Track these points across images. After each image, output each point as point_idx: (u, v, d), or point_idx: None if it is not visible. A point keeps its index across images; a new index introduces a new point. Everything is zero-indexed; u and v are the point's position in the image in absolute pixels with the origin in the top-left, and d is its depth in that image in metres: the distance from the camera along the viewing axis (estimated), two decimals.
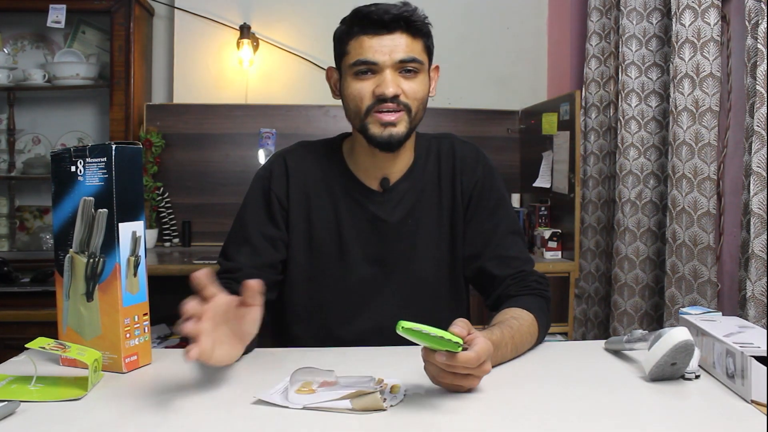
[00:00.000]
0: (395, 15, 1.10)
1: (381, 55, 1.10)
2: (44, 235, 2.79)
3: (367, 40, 1.11)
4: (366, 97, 1.12)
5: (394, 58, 1.10)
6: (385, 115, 1.12)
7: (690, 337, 0.88)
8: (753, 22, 1.71)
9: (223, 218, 2.73)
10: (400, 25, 1.11)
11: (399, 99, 1.12)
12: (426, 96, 1.17)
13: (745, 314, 1.67)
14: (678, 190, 2.01)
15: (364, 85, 1.12)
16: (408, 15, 1.11)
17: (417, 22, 1.12)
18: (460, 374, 0.84)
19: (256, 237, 1.20)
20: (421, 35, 1.14)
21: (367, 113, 1.13)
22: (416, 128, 1.19)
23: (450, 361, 0.81)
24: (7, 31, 2.85)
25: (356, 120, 1.16)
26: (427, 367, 0.86)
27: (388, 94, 1.10)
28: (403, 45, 1.11)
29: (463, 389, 0.87)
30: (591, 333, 2.57)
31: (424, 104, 1.17)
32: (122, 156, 0.96)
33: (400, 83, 1.12)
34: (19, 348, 1.00)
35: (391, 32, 1.11)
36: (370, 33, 1.11)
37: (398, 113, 1.12)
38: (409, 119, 1.14)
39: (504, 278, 1.19)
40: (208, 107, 2.87)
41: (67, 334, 1.00)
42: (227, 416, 0.80)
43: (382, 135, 1.13)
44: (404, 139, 1.15)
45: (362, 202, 1.22)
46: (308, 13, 2.92)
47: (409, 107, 1.13)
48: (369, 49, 1.11)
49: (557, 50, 3.04)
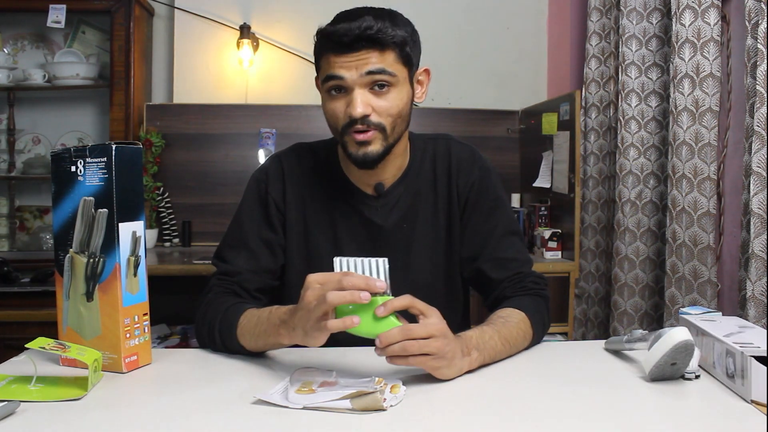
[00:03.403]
0: (357, 35, 1.05)
1: (347, 70, 1.06)
2: (44, 235, 2.79)
3: (333, 57, 1.07)
4: (339, 116, 1.10)
5: (362, 72, 1.06)
6: (358, 135, 1.09)
7: (690, 337, 0.88)
8: (753, 22, 1.71)
9: (223, 218, 2.73)
10: (362, 44, 1.06)
11: (369, 120, 1.08)
12: (404, 108, 1.12)
13: (745, 314, 1.67)
14: (678, 190, 2.01)
15: (337, 105, 1.10)
16: (371, 33, 1.04)
17: (382, 37, 1.05)
18: (416, 354, 0.87)
19: (253, 241, 1.20)
20: (393, 46, 1.07)
21: (342, 133, 1.11)
22: (399, 140, 1.16)
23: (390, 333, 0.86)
24: (7, 31, 2.85)
25: (337, 136, 1.15)
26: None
27: (355, 115, 1.07)
28: (370, 59, 1.06)
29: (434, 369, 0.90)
30: (591, 333, 2.57)
31: (404, 116, 1.13)
32: (122, 156, 0.96)
33: (370, 101, 1.08)
34: (19, 348, 1.00)
35: (356, 51, 1.06)
36: (336, 51, 1.07)
37: (369, 132, 1.09)
38: (384, 137, 1.11)
39: (501, 281, 1.19)
40: (208, 107, 2.87)
41: (67, 334, 1.00)
42: (227, 416, 0.80)
43: (358, 154, 1.11)
44: (381, 157, 1.12)
45: (357, 206, 1.21)
46: (308, 13, 2.92)
47: (382, 125, 1.09)
48: (335, 65, 1.07)
49: (557, 50, 3.04)
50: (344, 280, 0.86)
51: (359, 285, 0.85)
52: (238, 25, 2.88)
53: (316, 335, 0.88)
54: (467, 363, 0.94)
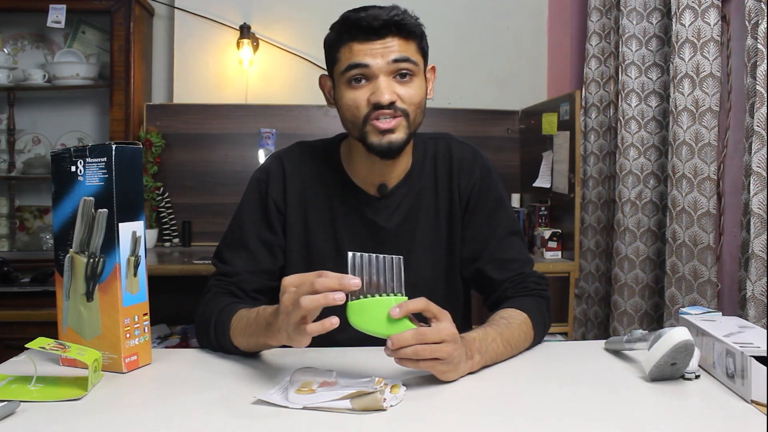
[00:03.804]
0: (385, 20, 1.06)
1: (372, 58, 1.06)
2: (44, 235, 2.79)
3: (357, 46, 1.07)
4: (362, 105, 1.08)
5: (387, 59, 1.06)
6: (382, 122, 1.08)
7: (690, 337, 0.88)
8: (753, 22, 1.71)
9: (223, 218, 2.72)
10: (390, 30, 1.07)
11: (396, 105, 1.08)
12: (423, 99, 1.13)
13: (745, 314, 1.67)
14: (678, 190, 2.01)
15: (359, 94, 1.08)
16: (399, 19, 1.07)
17: (408, 25, 1.08)
18: (426, 358, 0.87)
19: (253, 242, 1.19)
20: (414, 37, 1.10)
21: (364, 122, 1.09)
22: (415, 133, 1.16)
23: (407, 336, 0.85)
24: (7, 31, 2.85)
25: (354, 129, 1.12)
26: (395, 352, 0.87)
27: (383, 101, 1.06)
28: (395, 47, 1.07)
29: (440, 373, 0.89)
30: (591, 333, 2.57)
31: (423, 108, 1.13)
32: (122, 156, 0.96)
33: (395, 89, 1.08)
34: (19, 348, 1.00)
35: (382, 37, 1.06)
36: (361, 39, 1.07)
37: (396, 119, 1.08)
38: (408, 124, 1.10)
39: (502, 281, 1.19)
40: (208, 107, 2.87)
41: (67, 334, 1.00)
42: (227, 416, 0.80)
43: (381, 143, 1.09)
44: (404, 145, 1.12)
45: (359, 208, 1.21)
46: (308, 13, 2.92)
47: (407, 112, 1.09)
48: (359, 53, 1.07)
49: (557, 50, 3.04)
50: (317, 283, 0.83)
51: (332, 286, 0.82)
52: (238, 25, 2.88)
53: (298, 339, 0.86)
54: (469, 366, 0.94)
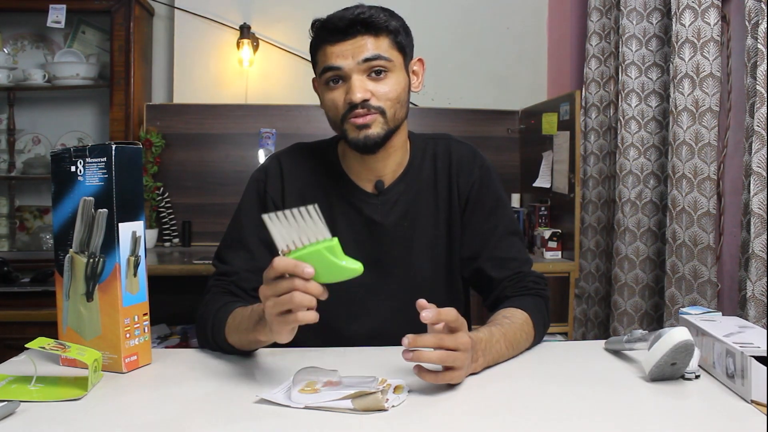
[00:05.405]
0: (351, 20, 1.09)
1: (344, 59, 1.09)
2: (44, 235, 2.79)
3: (329, 48, 1.11)
4: (339, 105, 1.12)
5: (358, 59, 1.09)
6: (358, 119, 1.11)
7: (690, 337, 0.88)
8: (753, 22, 1.71)
9: (223, 218, 2.71)
10: (358, 29, 1.09)
11: (369, 103, 1.10)
12: (402, 93, 1.14)
13: (745, 314, 1.67)
14: (678, 190, 2.01)
15: (336, 94, 1.12)
16: (365, 17, 1.09)
17: (376, 22, 1.10)
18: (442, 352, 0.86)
19: (252, 240, 1.19)
20: (386, 32, 1.12)
21: (342, 121, 1.13)
22: (400, 126, 1.18)
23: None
24: (7, 31, 2.85)
25: (336, 128, 1.17)
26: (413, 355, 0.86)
27: (355, 100, 1.09)
28: (365, 45, 1.10)
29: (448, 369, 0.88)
30: (591, 333, 2.57)
31: (403, 102, 1.15)
32: (122, 156, 0.96)
33: (368, 86, 1.10)
34: (19, 348, 1.00)
35: (351, 37, 1.09)
36: (332, 41, 1.10)
37: (369, 116, 1.11)
38: (385, 120, 1.12)
39: (501, 280, 1.19)
40: (208, 107, 2.87)
41: (67, 334, 1.00)
42: (226, 416, 0.80)
43: (359, 138, 1.12)
44: (382, 140, 1.14)
45: (357, 205, 1.21)
46: (308, 13, 2.86)
47: (383, 109, 1.12)
48: (332, 55, 1.10)
49: (557, 50, 3.04)
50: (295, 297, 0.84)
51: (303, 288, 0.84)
52: (238, 25, 2.88)
53: (278, 330, 0.87)
54: (472, 368, 0.94)
